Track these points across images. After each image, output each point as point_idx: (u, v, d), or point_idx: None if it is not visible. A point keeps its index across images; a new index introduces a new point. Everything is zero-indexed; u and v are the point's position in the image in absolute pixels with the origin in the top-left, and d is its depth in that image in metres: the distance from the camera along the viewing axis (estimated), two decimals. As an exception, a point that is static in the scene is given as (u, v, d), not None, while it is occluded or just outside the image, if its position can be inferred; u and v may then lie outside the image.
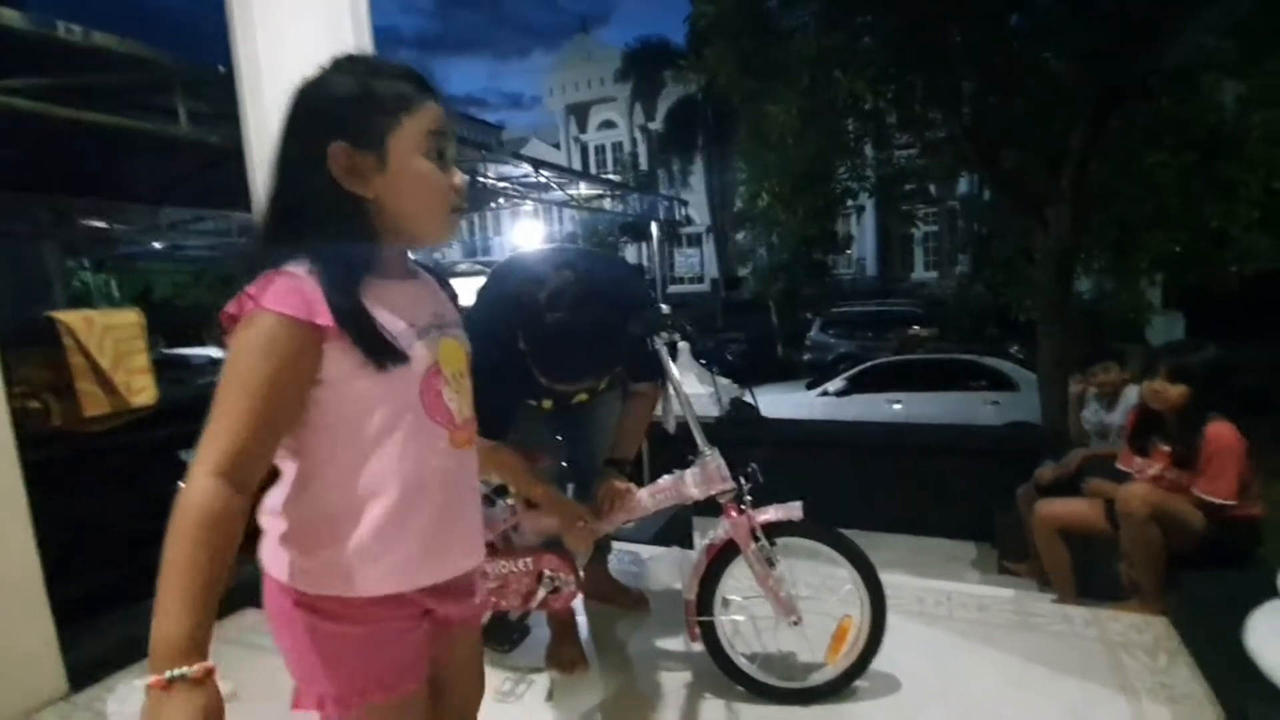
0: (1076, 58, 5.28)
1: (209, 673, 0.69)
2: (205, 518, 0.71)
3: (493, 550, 1.80)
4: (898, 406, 7.50)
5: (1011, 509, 3.32)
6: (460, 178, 0.89)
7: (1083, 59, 5.18)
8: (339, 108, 0.82)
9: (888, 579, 1.70)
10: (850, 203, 7.98)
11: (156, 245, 9.42)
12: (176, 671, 0.67)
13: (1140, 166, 5.43)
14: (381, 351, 0.81)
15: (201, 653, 0.69)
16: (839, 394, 7.83)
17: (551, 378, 1.53)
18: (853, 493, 4.27)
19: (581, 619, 2.10)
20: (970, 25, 5.40)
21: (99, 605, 2.14)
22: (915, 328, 12.64)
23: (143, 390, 2.74)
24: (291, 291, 0.77)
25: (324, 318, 0.78)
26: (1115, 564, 2.49)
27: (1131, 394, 3.07)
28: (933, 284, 19.75)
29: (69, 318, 2.61)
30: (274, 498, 0.87)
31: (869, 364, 8.35)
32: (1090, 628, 2.06)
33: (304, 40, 1.94)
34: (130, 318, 2.80)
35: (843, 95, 5.44)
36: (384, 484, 0.84)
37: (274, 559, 0.87)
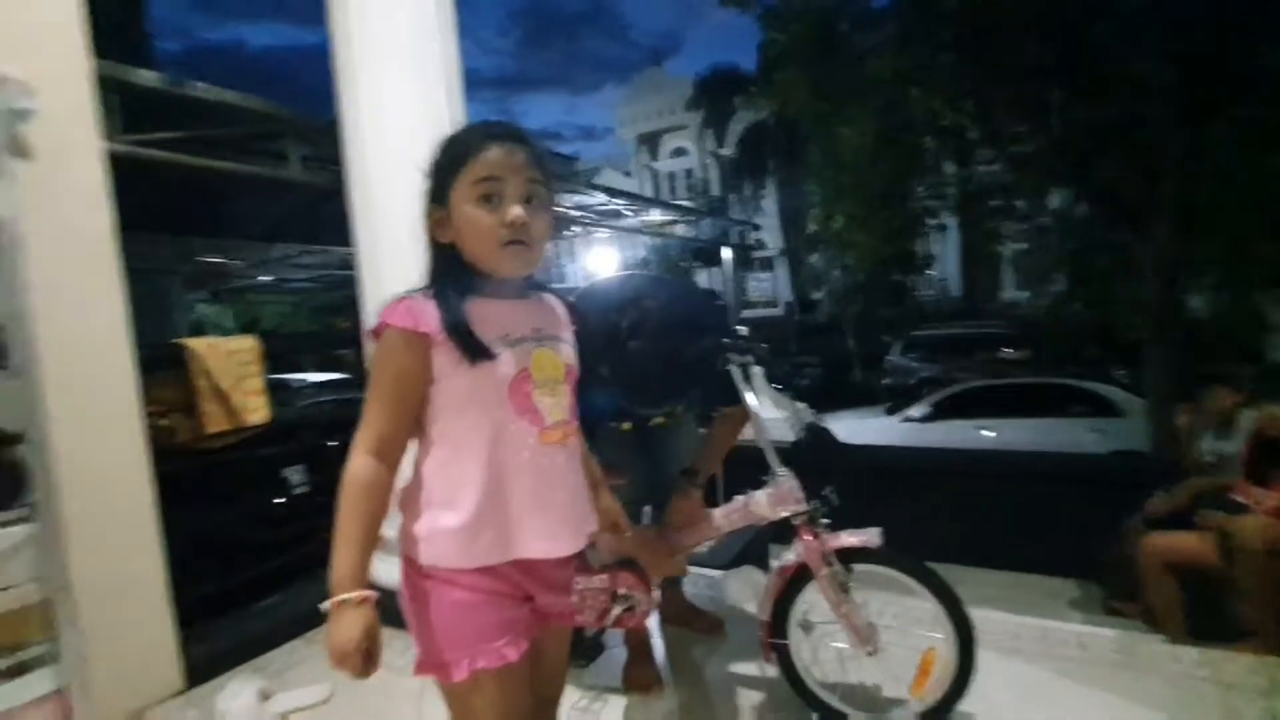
0: (1169, 63, 4.98)
1: (365, 599, 0.93)
2: (361, 486, 0.96)
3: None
4: (989, 434, 7.06)
5: (1118, 544, 3.10)
6: (513, 213, 0.99)
7: (1176, 64, 4.88)
8: (430, 177, 1.04)
9: (980, 614, 1.63)
10: (930, 221, 7.75)
11: (264, 279, 10.23)
12: (342, 597, 0.92)
13: (1247, 174, 5.03)
14: (472, 350, 0.98)
15: (359, 584, 0.93)
16: (923, 419, 7.47)
17: (634, 403, 1.59)
18: (942, 523, 4.08)
19: (657, 641, 2.11)
20: (1052, 35, 5.21)
21: (215, 607, 2.33)
22: (1007, 350, 12.00)
23: (257, 410, 3.01)
24: (406, 310, 0.99)
25: (426, 326, 0.98)
26: (1231, 602, 2.29)
27: (1250, 420, 2.83)
28: (1024, 303, 18.73)
29: (195, 344, 2.90)
30: (400, 483, 1.03)
31: (958, 388, 7.96)
32: (1202, 669, 1.91)
33: (401, 91, 2.11)
34: (247, 344, 3.08)
35: (919, 113, 5.35)
36: (478, 471, 1.00)
37: (402, 536, 1.04)
